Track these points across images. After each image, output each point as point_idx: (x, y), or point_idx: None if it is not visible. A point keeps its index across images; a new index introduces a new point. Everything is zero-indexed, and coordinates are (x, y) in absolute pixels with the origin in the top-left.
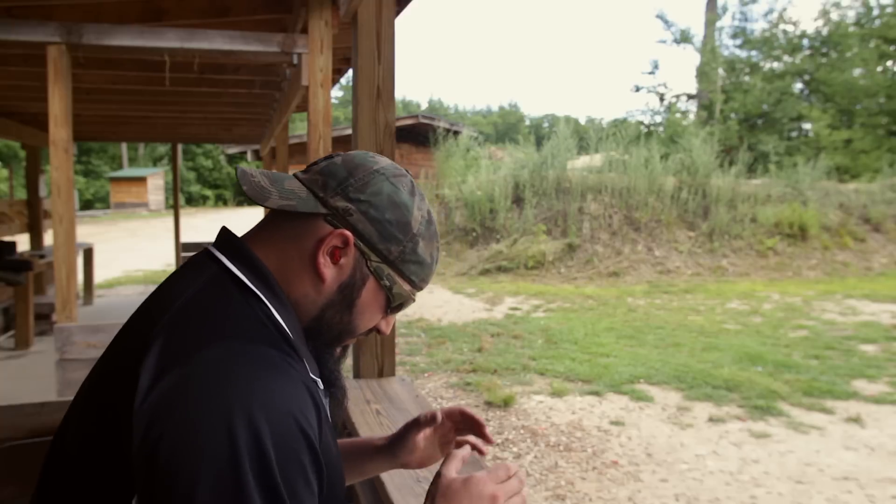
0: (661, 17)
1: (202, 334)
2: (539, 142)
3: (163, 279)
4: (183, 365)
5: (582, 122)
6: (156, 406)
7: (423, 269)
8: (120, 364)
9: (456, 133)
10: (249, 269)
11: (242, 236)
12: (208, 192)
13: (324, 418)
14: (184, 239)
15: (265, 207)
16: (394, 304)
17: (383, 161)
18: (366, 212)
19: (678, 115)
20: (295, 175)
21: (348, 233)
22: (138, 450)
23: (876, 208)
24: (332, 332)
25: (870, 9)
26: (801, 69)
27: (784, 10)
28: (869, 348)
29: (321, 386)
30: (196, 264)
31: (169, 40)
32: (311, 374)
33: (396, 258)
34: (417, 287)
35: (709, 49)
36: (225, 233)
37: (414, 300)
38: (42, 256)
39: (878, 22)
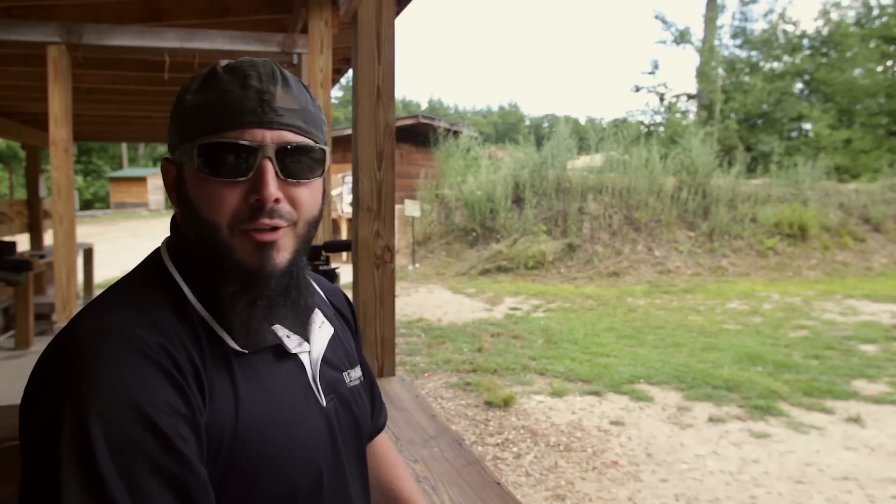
0: (660, 17)
1: (78, 317)
2: (539, 142)
3: None
4: (48, 345)
5: (582, 122)
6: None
7: (204, 111)
8: None
9: (456, 133)
10: (169, 241)
11: None
12: None
13: (208, 388)
14: None
15: None
16: (197, 164)
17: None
18: (169, 131)
19: (678, 115)
20: None
21: (165, 157)
22: None
23: (876, 208)
24: (205, 245)
25: (870, 9)
26: (801, 69)
27: (784, 10)
28: (869, 348)
29: (248, 351)
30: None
31: (169, 40)
32: (236, 346)
33: (182, 130)
34: (215, 128)
35: (708, 49)
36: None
37: (232, 143)
38: (42, 256)
39: (878, 22)
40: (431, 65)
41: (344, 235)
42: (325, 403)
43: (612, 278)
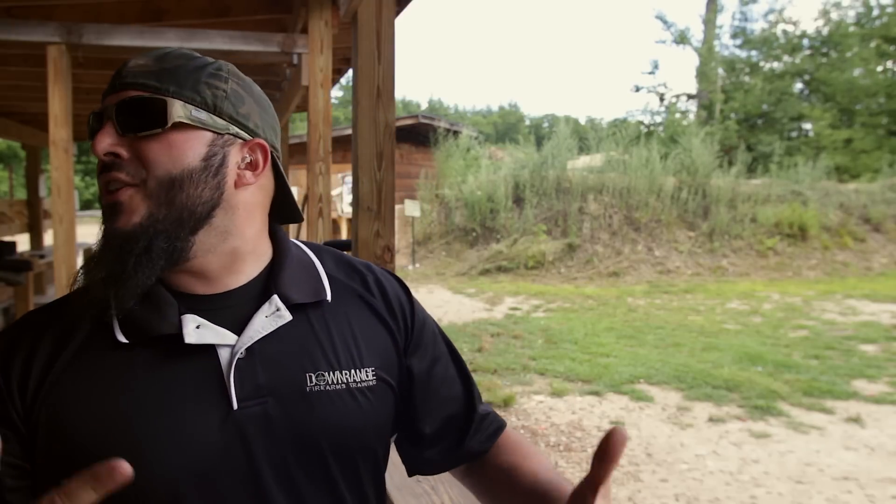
0: (660, 17)
1: None
2: (539, 142)
3: None
4: None
5: (582, 122)
6: None
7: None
8: None
9: (456, 133)
10: None
11: None
12: None
13: (29, 371)
14: None
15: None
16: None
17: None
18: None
19: (678, 115)
20: None
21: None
22: None
23: (876, 208)
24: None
25: (870, 9)
26: (801, 69)
27: (784, 9)
28: (869, 348)
29: (120, 339)
30: None
31: (169, 40)
32: (119, 335)
33: None
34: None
35: (708, 49)
36: None
37: (96, 111)
38: (42, 256)
39: (878, 22)
40: (431, 65)
41: (344, 235)
42: (235, 406)
43: (612, 278)
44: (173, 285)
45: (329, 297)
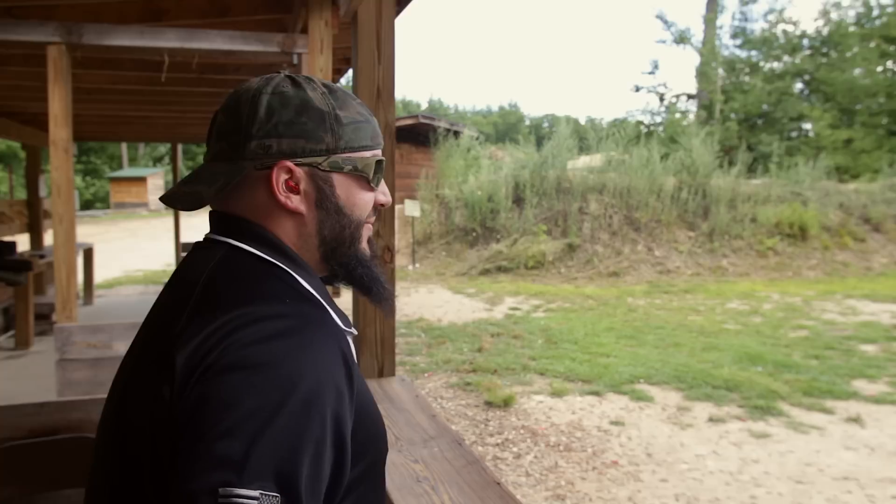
0: (660, 17)
1: (244, 296)
2: (539, 142)
3: (164, 279)
4: (230, 319)
5: (582, 122)
6: (205, 352)
7: (362, 128)
8: (159, 343)
9: (456, 133)
10: (256, 241)
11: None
12: None
13: (354, 367)
14: (184, 239)
15: (209, 203)
16: (369, 176)
17: (253, 82)
18: (278, 133)
19: (678, 115)
20: (205, 160)
21: (284, 161)
22: (182, 390)
23: (876, 208)
24: (344, 239)
25: (870, 8)
26: (801, 69)
27: (784, 9)
28: (869, 348)
29: (354, 332)
30: (205, 247)
31: (169, 40)
32: (344, 327)
33: (335, 142)
34: (374, 146)
35: (708, 49)
36: (216, 216)
37: (383, 159)
38: (42, 256)
39: (878, 21)
40: (431, 65)
41: None
42: None
43: (612, 278)
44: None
45: None
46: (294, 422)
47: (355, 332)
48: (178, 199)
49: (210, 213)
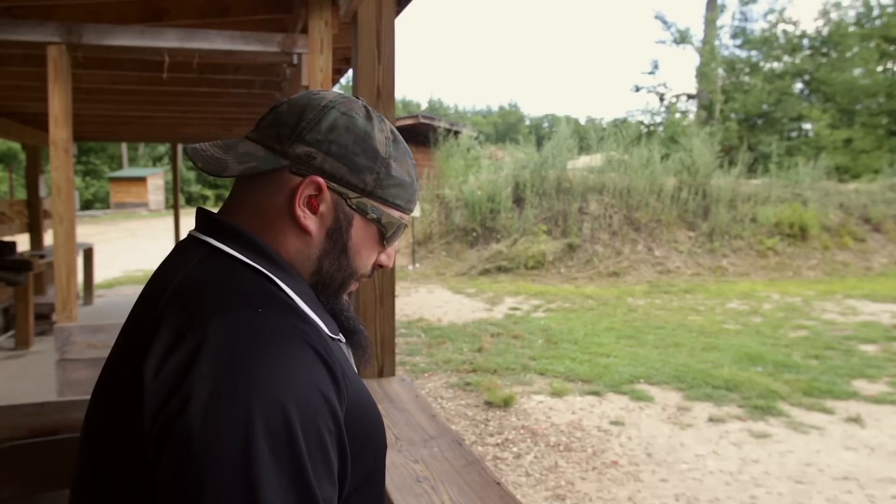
0: (660, 17)
1: (213, 305)
2: (539, 142)
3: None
4: (197, 331)
5: (582, 122)
6: (174, 375)
7: (404, 189)
8: (129, 353)
9: (456, 133)
10: (240, 243)
11: (219, 211)
12: (208, 192)
13: (344, 375)
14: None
15: (228, 177)
16: (387, 234)
17: (330, 94)
18: (328, 150)
19: (678, 115)
20: (247, 136)
21: (318, 178)
22: (154, 420)
23: (876, 208)
24: (335, 281)
25: (870, 8)
26: (801, 69)
27: (784, 9)
28: (869, 348)
29: (343, 341)
30: (184, 248)
31: (169, 40)
32: (331, 334)
33: (374, 187)
34: (405, 210)
35: (708, 49)
36: (202, 214)
37: (406, 225)
38: (42, 256)
39: (878, 22)
40: (431, 65)
41: None
42: None
43: (612, 278)
44: None
45: None
46: (289, 454)
47: (343, 340)
48: (204, 159)
49: (197, 209)
